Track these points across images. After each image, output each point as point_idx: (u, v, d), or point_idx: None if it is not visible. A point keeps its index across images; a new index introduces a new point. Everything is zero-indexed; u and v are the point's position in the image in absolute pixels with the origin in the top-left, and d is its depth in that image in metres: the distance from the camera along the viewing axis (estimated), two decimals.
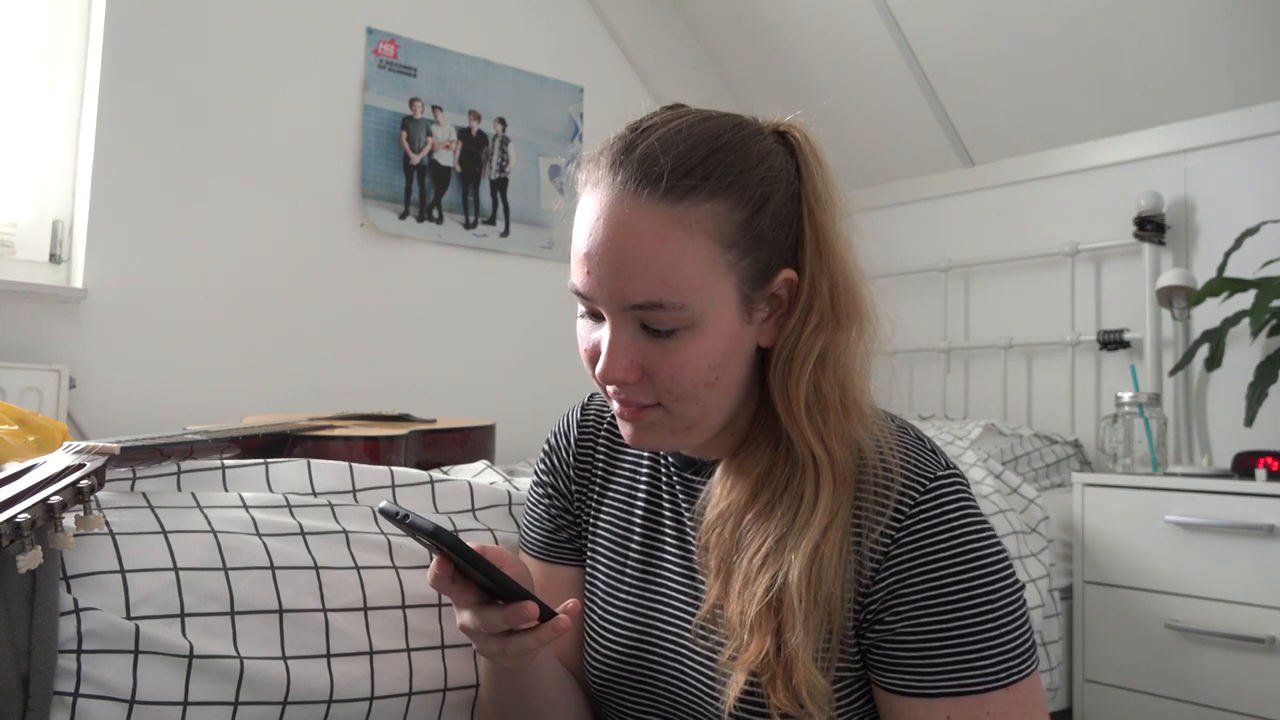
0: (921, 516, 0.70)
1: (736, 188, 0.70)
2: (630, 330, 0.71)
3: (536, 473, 0.95)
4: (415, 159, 2.63)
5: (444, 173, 2.68)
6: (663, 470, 0.86)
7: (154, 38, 2.25)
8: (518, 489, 1.06)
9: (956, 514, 0.71)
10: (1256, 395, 1.95)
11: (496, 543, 0.98)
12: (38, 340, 2.09)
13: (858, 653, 0.73)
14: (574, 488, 0.91)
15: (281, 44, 2.44)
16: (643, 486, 0.87)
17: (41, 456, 0.79)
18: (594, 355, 0.74)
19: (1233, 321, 2.04)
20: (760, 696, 0.71)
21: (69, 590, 0.72)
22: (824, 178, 0.75)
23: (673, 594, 0.82)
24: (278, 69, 2.43)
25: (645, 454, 0.88)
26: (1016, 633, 0.70)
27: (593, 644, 0.87)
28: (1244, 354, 2.14)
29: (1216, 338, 2.07)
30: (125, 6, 2.21)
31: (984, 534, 0.71)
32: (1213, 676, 1.77)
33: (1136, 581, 1.89)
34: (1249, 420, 1.96)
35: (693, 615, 0.80)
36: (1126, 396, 2.18)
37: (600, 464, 0.91)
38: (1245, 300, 2.02)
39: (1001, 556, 0.71)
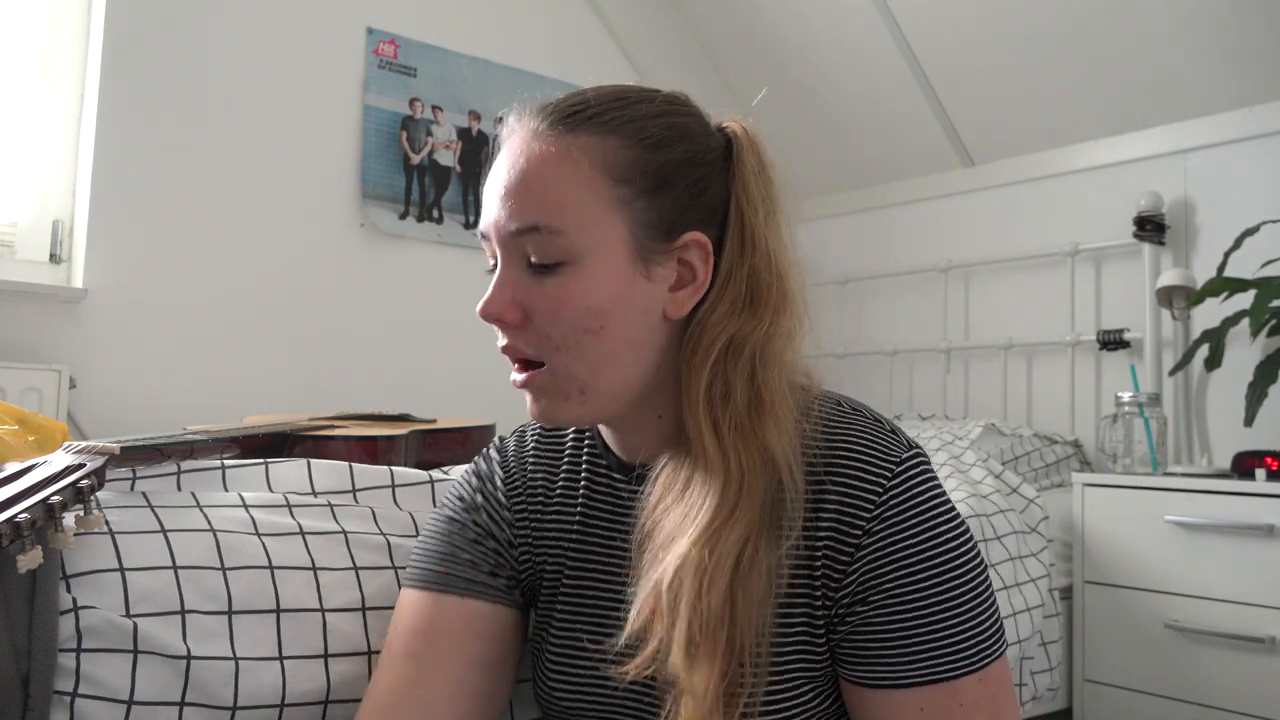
0: (892, 502, 0.68)
1: (631, 128, 0.70)
2: (517, 267, 0.72)
3: (456, 512, 0.83)
4: (415, 159, 2.63)
5: (444, 173, 2.68)
6: (602, 483, 0.81)
7: (154, 38, 2.25)
8: None
9: (926, 497, 0.69)
10: (1256, 395, 1.95)
11: None
12: (38, 340, 2.10)
13: (825, 651, 0.71)
14: (511, 531, 0.82)
15: (281, 44, 2.44)
16: (579, 507, 0.81)
17: (41, 456, 0.79)
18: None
19: (1232, 321, 2.04)
20: None
21: (68, 589, 0.72)
22: (762, 174, 0.74)
23: (613, 616, 0.76)
24: (278, 69, 2.43)
25: (583, 472, 0.82)
26: (986, 612, 0.69)
27: (542, 680, 0.81)
28: (1244, 354, 2.14)
29: (1216, 338, 2.07)
30: (125, 6, 2.22)
31: (952, 514, 0.70)
32: (1212, 676, 1.77)
33: (1136, 581, 1.89)
34: (1249, 420, 1.96)
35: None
36: (1126, 396, 2.18)
37: (539, 491, 0.83)
38: (1245, 300, 2.02)
39: (968, 536, 0.70)
